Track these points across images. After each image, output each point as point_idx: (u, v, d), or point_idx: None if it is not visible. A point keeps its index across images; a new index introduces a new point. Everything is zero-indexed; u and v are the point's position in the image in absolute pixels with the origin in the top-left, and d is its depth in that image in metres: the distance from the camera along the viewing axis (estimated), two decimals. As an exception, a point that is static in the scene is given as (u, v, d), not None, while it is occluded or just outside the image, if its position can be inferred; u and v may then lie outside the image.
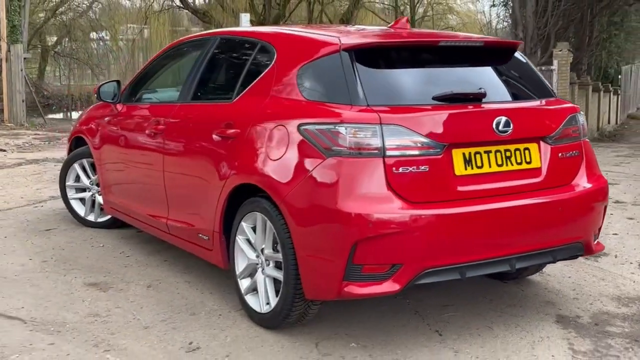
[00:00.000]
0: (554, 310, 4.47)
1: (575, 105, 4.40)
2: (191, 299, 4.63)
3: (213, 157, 4.45)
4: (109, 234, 6.19)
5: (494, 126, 3.84)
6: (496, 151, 3.90)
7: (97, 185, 6.32)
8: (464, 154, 3.79)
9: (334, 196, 3.62)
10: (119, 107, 5.72)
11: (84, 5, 33.29)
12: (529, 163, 4.00)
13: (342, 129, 3.63)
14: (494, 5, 29.21)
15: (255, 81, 4.35)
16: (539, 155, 4.04)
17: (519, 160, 3.97)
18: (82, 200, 6.50)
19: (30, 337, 3.99)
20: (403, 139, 3.63)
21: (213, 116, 4.56)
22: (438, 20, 38.47)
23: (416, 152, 3.66)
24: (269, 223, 4.01)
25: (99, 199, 6.33)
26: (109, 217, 6.32)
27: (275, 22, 26.75)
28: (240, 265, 4.33)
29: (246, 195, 4.23)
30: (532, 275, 5.01)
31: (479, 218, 3.77)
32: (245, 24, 15.15)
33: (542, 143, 4.06)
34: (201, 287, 4.84)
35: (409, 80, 4.00)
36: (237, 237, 4.30)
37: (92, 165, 6.32)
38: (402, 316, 4.34)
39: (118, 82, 5.72)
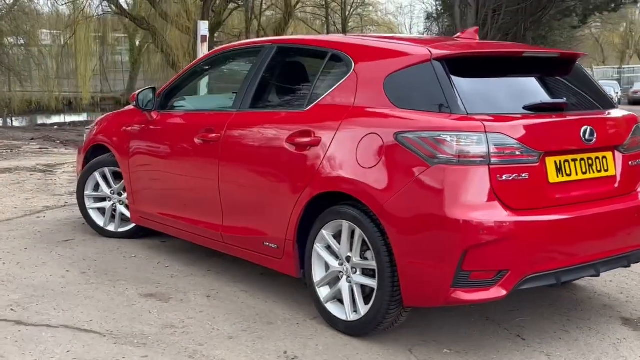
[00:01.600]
0: (615, 313, 4.63)
1: (636, 115, 4.58)
2: (259, 308, 4.59)
3: (285, 166, 4.43)
4: (134, 244, 6.05)
5: (581, 135, 3.97)
6: (581, 159, 4.03)
7: (119, 194, 6.18)
8: (555, 162, 3.90)
9: (441, 204, 3.67)
10: (154, 114, 5.61)
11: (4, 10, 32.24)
12: (606, 171, 4.15)
13: (447, 137, 3.69)
14: (428, 18, 29.75)
15: (331, 90, 4.36)
16: (614, 164, 4.20)
17: (598, 168, 4.11)
18: (100, 210, 6.33)
19: (119, 351, 3.89)
20: (506, 147, 3.72)
21: (283, 125, 4.54)
22: (364, 31, 39.24)
23: (517, 160, 3.75)
24: (358, 231, 4.03)
25: (121, 208, 6.19)
26: (131, 227, 6.19)
27: (212, 31, 26.64)
28: (318, 274, 4.32)
29: (326, 203, 4.24)
30: (577, 280, 5.16)
31: (573, 224, 3.89)
32: (203, 32, 15.15)
33: (615, 152, 4.22)
34: (262, 296, 4.80)
35: (497, 89, 4.10)
36: (315, 246, 4.30)
37: (114, 174, 6.18)
38: (476, 322, 4.42)
39: (154, 89, 5.62)
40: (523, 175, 3.76)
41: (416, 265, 3.77)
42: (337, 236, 4.23)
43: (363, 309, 4.06)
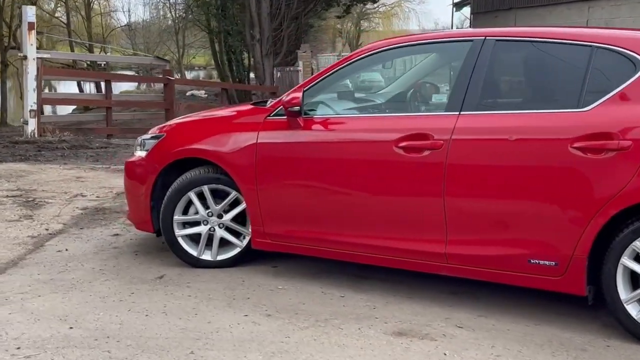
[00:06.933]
0: None
1: None
2: (537, 334, 4.11)
3: (572, 173, 4.01)
4: (251, 274, 5.11)
5: None
6: None
7: (219, 216, 5.18)
8: None
9: None
10: (301, 121, 4.76)
11: None
12: None
13: None
14: (198, 6, 29.16)
15: (621, 87, 4.01)
16: None
17: None
18: (189, 237, 5.28)
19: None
20: None
21: (553, 127, 4.09)
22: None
23: None
24: None
25: (221, 232, 5.20)
26: (232, 254, 5.25)
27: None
28: (624, 290, 3.97)
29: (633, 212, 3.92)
30: None
31: None
32: (30, 18, 13.51)
33: None
34: (508, 320, 4.31)
35: None
36: (622, 260, 3.94)
37: (213, 192, 5.16)
38: None
39: (303, 90, 4.76)
40: None
41: None
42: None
43: None
